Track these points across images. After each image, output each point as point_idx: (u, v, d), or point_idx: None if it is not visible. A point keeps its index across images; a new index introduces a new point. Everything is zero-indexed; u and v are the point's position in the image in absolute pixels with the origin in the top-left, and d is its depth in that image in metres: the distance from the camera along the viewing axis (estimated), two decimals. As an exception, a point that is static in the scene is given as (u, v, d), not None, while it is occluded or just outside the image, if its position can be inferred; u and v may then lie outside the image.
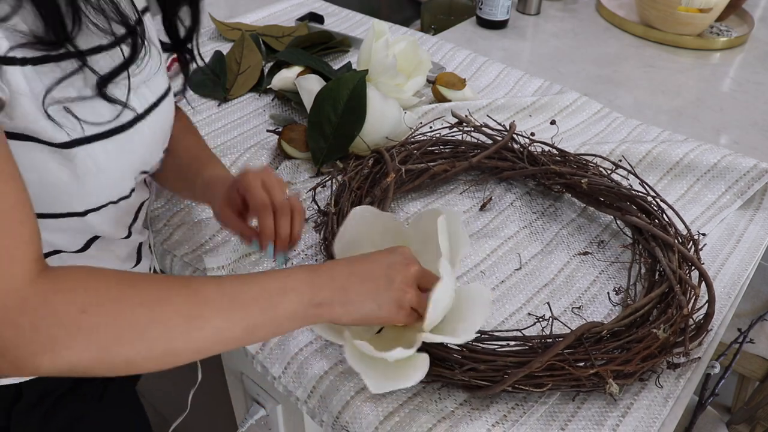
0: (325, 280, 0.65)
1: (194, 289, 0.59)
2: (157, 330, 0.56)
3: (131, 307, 0.55)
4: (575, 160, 1.06)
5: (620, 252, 1.00)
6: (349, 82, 1.10)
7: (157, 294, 0.57)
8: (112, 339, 0.54)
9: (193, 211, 1.02)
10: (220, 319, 0.59)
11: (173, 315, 0.57)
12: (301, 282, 0.64)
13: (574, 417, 0.77)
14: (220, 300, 0.59)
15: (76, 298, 0.53)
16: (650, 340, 0.77)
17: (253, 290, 0.62)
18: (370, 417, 0.75)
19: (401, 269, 0.68)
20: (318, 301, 0.64)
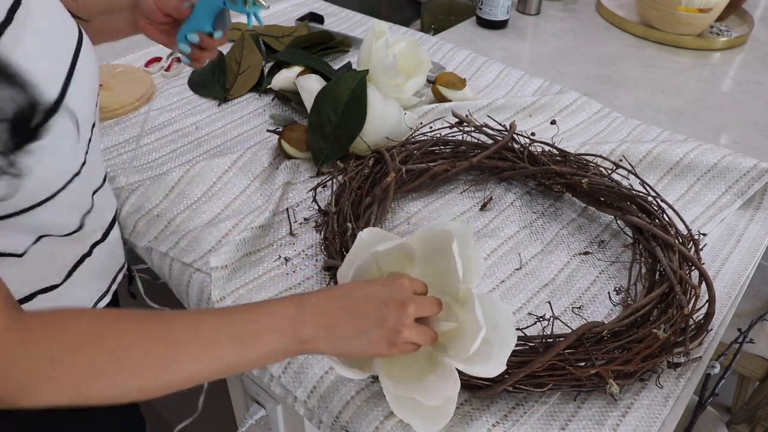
0: (310, 316, 0.63)
1: (167, 333, 0.59)
2: (127, 376, 0.56)
3: (101, 356, 0.55)
4: (575, 160, 1.06)
5: (620, 252, 1.00)
6: (350, 82, 1.10)
7: (128, 340, 0.57)
8: (83, 385, 0.55)
9: (193, 216, 1.02)
10: (194, 361, 0.59)
11: (144, 362, 0.57)
12: (285, 319, 0.62)
13: (574, 417, 0.77)
14: (193, 343, 0.59)
15: (44, 348, 0.54)
16: (651, 340, 0.77)
17: (231, 331, 0.61)
18: (370, 417, 0.75)
19: (396, 309, 0.65)
20: (302, 338, 0.62)
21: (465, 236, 0.71)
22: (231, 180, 1.08)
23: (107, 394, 0.56)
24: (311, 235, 0.99)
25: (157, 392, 0.58)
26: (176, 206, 1.03)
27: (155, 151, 1.15)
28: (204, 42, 0.86)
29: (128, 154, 1.13)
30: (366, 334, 0.64)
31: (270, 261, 0.95)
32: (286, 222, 1.01)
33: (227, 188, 1.07)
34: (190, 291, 0.93)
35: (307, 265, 0.95)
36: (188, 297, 0.93)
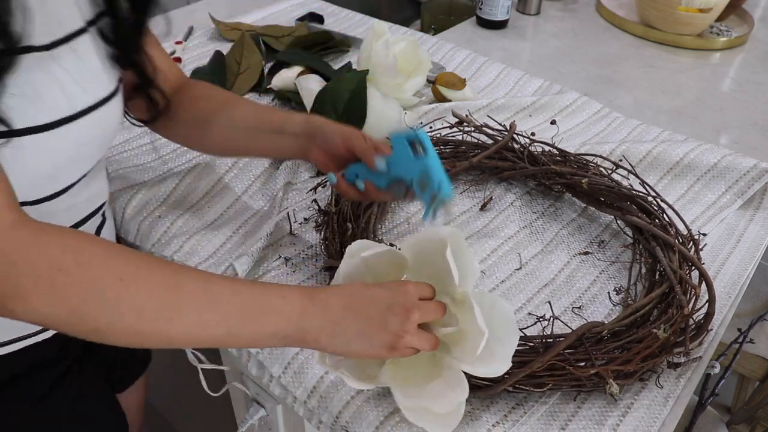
0: (318, 310, 0.63)
1: (177, 280, 0.58)
2: (126, 307, 0.55)
3: (108, 279, 0.55)
4: (575, 160, 1.06)
5: (620, 252, 1.00)
6: (350, 82, 1.10)
7: (137, 272, 0.56)
8: (82, 303, 0.54)
9: (195, 218, 1.02)
10: (195, 317, 0.58)
11: (147, 298, 0.56)
12: (294, 307, 0.63)
13: (574, 417, 0.77)
14: (200, 299, 0.59)
15: (55, 255, 0.53)
16: (651, 340, 0.77)
17: (241, 300, 0.61)
18: (370, 417, 0.75)
19: (400, 314, 0.65)
20: (306, 330, 0.63)
21: (457, 241, 0.71)
22: (232, 181, 1.08)
23: (101, 320, 0.55)
24: (311, 235, 0.99)
25: (148, 338, 0.57)
26: (177, 208, 1.03)
27: (155, 151, 1.15)
28: (368, 191, 0.82)
29: (128, 153, 1.13)
30: (367, 337, 0.65)
31: (270, 261, 0.95)
32: (286, 222, 1.01)
33: (228, 190, 1.07)
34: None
35: (307, 265, 0.95)
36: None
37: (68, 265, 0.53)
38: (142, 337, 0.57)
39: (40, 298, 0.53)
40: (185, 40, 1.53)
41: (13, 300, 0.52)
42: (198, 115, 0.91)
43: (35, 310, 0.53)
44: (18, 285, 0.52)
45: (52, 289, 0.53)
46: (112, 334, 0.56)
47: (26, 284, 0.52)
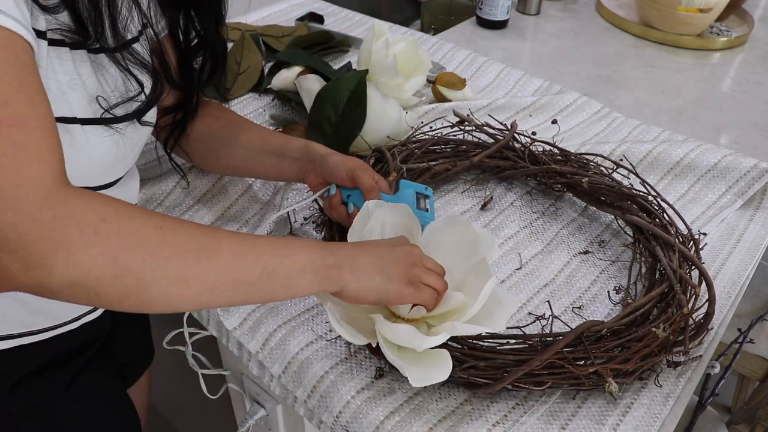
0: (333, 248, 0.67)
1: (210, 230, 0.61)
2: (169, 251, 0.57)
3: (147, 226, 0.57)
4: (576, 159, 1.06)
5: (621, 252, 1.00)
6: (350, 81, 1.10)
7: (174, 223, 0.59)
8: (126, 250, 0.55)
9: (196, 218, 1.02)
10: (232, 255, 0.61)
11: (186, 241, 0.58)
12: (312, 244, 0.67)
13: (575, 416, 0.77)
14: (234, 239, 0.62)
15: (97, 207, 0.55)
16: (650, 339, 0.77)
17: (269, 241, 0.64)
18: (370, 416, 0.75)
19: (407, 248, 0.72)
20: (329, 262, 0.66)
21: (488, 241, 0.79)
22: (231, 181, 1.08)
23: (146, 267, 0.56)
24: (311, 235, 0.99)
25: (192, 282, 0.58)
26: (177, 208, 1.03)
27: (155, 151, 1.15)
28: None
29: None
30: (384, 270, 0.68)
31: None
32: (286, 222, 1.01)
33: (227, 190, 1.07)
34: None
35: (307, 265, 0.95)
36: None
37: (110, 215, 0.55)
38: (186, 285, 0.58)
39: (85, 247, 0.53)
40: (185, 40, 1.53)
41: (56, 254, 0.52)
42: (205, 131, 0.96)
43: (78, 263, 0.53)
44: (63, 236, 0.52)
45: (96, 236, 0.53)
46: (156, 284, 0.56)
47: (71, 234, 0.53)
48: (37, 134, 0.54)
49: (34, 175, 0.53)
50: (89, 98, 0.69)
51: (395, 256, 0.70)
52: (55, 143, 0.57)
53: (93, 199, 0.56)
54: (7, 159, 0.52)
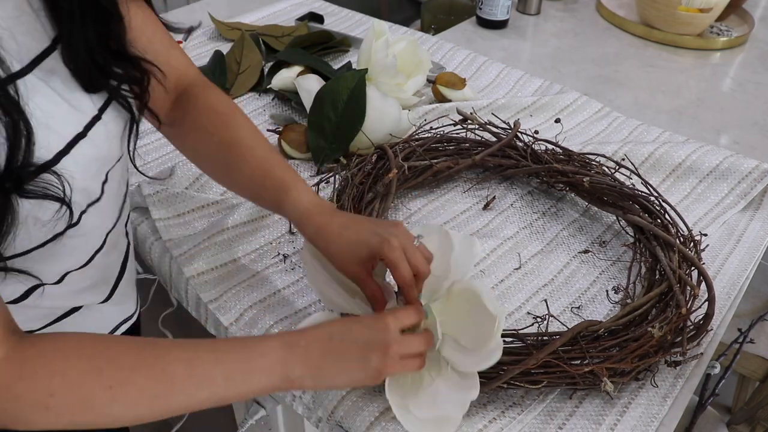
0: (299, 359, 0.66)
1: (163, 369, 0.61)
2: (122, 409, 0.59)
3: (98, 391, 0.58)
4: (579, 158, 1.06)
5: (622, 252, 0.99)
6: (349, 81, 1.10)
7: (124, 376, 0.59)
8: (79, 415, 0.58)
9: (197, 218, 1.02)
10: (186, 397, 0.62)
11: (139, 397, 0.60)
12: (275, 362, 0.65)
13: (572, 416, 0.77)
14: (188, 381, 0.62)
15: (43, 383, 0.56)
16: (646, 339, 0.77)
17: (225, 370, 0.63)
18: (365, 413, 0.75)
19: (378, 350, 0.67)
20: (290, 378, 0.66)
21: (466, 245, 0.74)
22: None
23: (101, 422, 0.59)
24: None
25: (148, 420, 0.61)
26: (180, 196, 1.03)
27: (155, 151, 1.15)
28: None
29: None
30: (349, 374, 0.68)
31: (269, 258, 0.95)
32: (285, 221, 1.01)
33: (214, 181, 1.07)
34: (189, 293, 0.93)
35: (305, 264, 0.95)
36: (187, 297, 0.93)
37: (57, 388, 0.57)
38: (141, 421, 0.61)
39: (39, 422, 0.57)
40: (185, 39, 1.53)
41: (16, 424, 0.57)
42: (196, 146, 0.86)
43: (37, 428, 0.58)
44: (16, 414, 0.56)
45: (47, 411, 0.56)
46: (115, 425, 0.61)
47: (24, 413, 0.56)
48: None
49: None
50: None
51: (366, 361, 0.67)
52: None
53: (36, 372, 0.56)
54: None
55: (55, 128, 0.60)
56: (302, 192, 0.78)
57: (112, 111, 0.68)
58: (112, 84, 0.67)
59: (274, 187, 0.79)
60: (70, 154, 0.62)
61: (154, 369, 0.61)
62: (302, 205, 0.77)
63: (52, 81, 0.61)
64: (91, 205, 0.68)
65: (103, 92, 0.67)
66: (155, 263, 0.98)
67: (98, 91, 0.66)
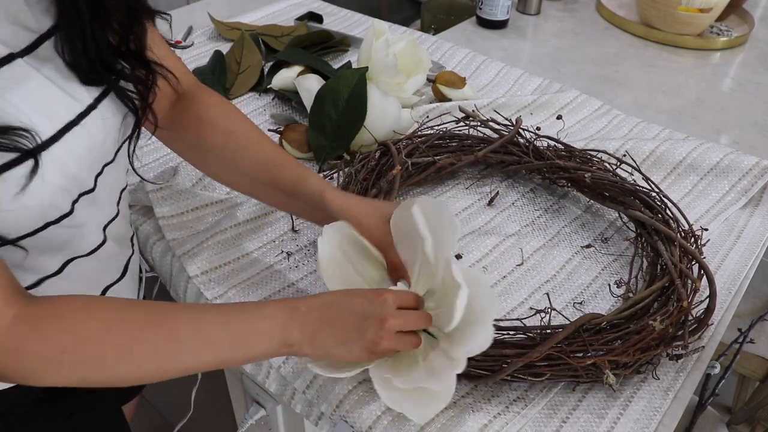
0: (298, 323, 0.67)
1: (170, 329, 0.63)
2: (132, 366, 0.62)
3: (109, 348, 0.60)
4: (580, 155, 1.06)
5: (624, 248, 0.99)
6: (350, 79, 1.10)
7: (132, 336, 0.62)
8: (91, 372, 0.61)
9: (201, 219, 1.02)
10: (192, 356, 0.64)
11: (146, 355, 0.62)
12: (276, 325, 0.66)
13: (575, 409, 0.77)
14: (194, 341, 0.64)
15: (56, 340, 0.58)
16: (648, 332, 0.77)
17: (231, 333, 0.65)
18: (371, 407, 0.75)
19: (376, 324, 0.68)
20: (289, 342, 0.67)
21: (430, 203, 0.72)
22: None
23: (112, 379, 0.62)
24: (313, 231, 0.99)
25: (156, 379, 0.64)
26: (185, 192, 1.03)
27: (156, 152, 1.15)
28: None
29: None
30: (346, 345, 0.69)
31: (272, 256, 0.95)
32: (288, 218, 1.01)
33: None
34: (188, 292, 0.93)
35: (309, 261, 0.95)
36: (185, 297, 0.93)
37: (70, 345, 0.59)
38: (148, 380, 0.65)
39: (52, 377, 0.59)
40: (184, 39, 1.53)
41: (30, 379, 0.59)
42: (197, 142, 0.86)
43: (50, 383, 0.60)
44: (30, 371, 0.59)
45: (60, 368, 0.58)
46: (124, 383, 0.64)
47: (37, 369, 0.59)
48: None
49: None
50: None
51: (361, 333, 0.68)
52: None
53: (48, 330, 0.58)
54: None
55: (47, 114, 0.61)
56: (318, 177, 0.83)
57: (109, 103, 0.69)
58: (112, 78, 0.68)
59: (292, 167, 0.83)
60: (62, 141, 0.63)
61: (162, 329, 0.63)
62: (324, 183, 0.81)
63: (45, 68, 0.62)
64: (84, 194, 0.68)
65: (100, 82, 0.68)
66: (156, 263, 0.98)
67: (97, 83, 0.67)
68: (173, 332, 0.63)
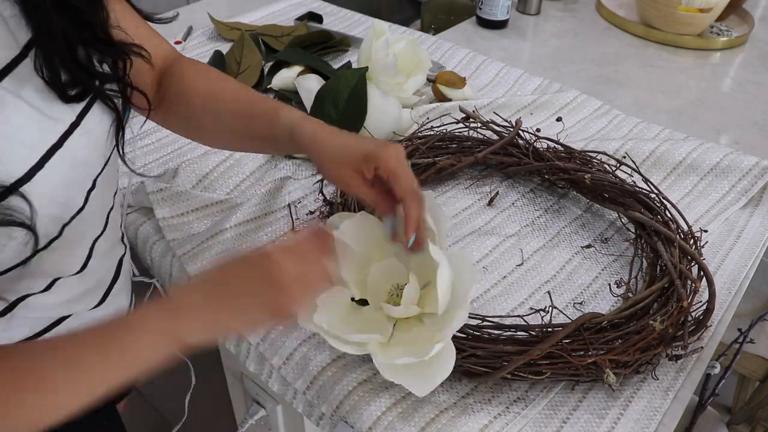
0: (183, 316, 0.61)
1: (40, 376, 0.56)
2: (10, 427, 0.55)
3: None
4: (580, 156, 1.06)
5: (624, 249, 0.99)
6: (350, 79, 1.11)
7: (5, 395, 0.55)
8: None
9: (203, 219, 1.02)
10: (72, 396, 0.57)
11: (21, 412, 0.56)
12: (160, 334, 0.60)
13: (576, 409, 0.77)
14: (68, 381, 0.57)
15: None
16: (648, 332, 0.77)
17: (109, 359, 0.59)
18: (371, 407, 0.75)
19: (265, 279, 0.62)
20: (180, 339, 0.60)
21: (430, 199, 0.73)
22: (226, 171, 1.08)
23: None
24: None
25: (44, 426, 0.57)
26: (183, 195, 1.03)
27: (156, 152, 1.15)
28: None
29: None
30: (247, 313, 0.63)
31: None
32: (288, 219, 1.01)
33: (223, 179, 1.08)
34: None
35: (308, 261, 0.95)
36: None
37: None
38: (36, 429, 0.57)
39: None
40: (184, 39, 1.53)
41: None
42: (183, 111, 0.84)
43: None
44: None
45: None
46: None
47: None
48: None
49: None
50: None
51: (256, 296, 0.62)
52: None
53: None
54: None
55: (27, 142, 0.57)
56: (292, 110, 0.78)
57: (95, 113, 0.65)
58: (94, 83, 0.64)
59: (263, 112, 0.79)
60: (46, 167, 0.59)
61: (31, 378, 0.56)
62: (294, 116, 0.76)
63: (24, 91, 0.58)
64: (75, 216, 0.65)
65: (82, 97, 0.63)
66: (155, 264, 0.98)
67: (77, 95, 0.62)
68: (44, 379, 0.56)
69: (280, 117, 0.77)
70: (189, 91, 0.83)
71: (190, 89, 0.83)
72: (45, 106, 0.59)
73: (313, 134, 0.74)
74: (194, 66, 0.86)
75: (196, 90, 0.83)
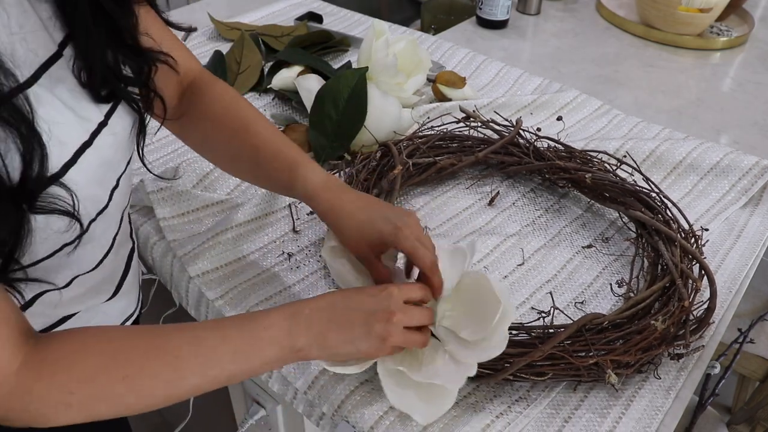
0: (303, 328, 0.66)
1: (173, 354, 0.62)
2: (138, 397, 0.61)
3: (114, 383, 0.59)
4: (581, 155, 1.06)
5: (625, 248, 0.99)
6: (350, 79, 1.11)
7: (137, 365, 0.61)
8: (99, 408, 0.60)
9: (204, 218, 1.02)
10: (198, 377, 0.63)
11: (153, 383, 0.61)
12: (281, 332, 0.66)
13: (577, 409, 0.77)
14: (197, 361, 0.63)
15: (62, 382, 0.58)
16: (650, 332, 0.77)
17: (232, 346, 0.64)
18: (373, 407, 0.75)
19: (382, 319, 0.68)
20: (297, 348, 0.66)
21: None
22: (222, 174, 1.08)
23: (122, 411, 0.61)
24: (314, 231, 0.99)
25: (164, 405, 0.63)
26: (185, 194, 1.03)
27: (158, 151, 1.15)
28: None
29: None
30: (353, 343, 0.68)
31: (273, 257, 0.95)
32: (289, 219, 1.01)
33: (224, 179, 1.08)
34: (190, 292, 0.93)
35: (310, 261, 0.95)
36: (188, 297, 0.93)
37: (75, 385, 0.58)
38: (157, 406, 0.63)
39: (62, 418, 0.58)
40: (184, 40, 1.53)
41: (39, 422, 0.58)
42: (202, 137, 0.87)
43: (59, 424, 0.59)
44: (40, 415, 0.58)
45: (68, 409, 0.58)
46: (133, 413, 0.63)
47: (46, 413, 0.58)
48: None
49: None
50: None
51: (368, 329, 0.68)
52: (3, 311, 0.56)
53: (56, 371, 0.58)
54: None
55: (62, 138, 0.59)
56: (312, 170, 0.80)
57: (119, 114, 0.67)
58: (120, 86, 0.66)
59: (283, 167, 0.80)
60: (78, 164, 0.61)
61: (164, 354, 0.62)
62: (313, 182, 0.78)
63: (58, 89, 0.60)
64: (100, 213, 0.68)
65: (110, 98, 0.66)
66: (156, 263, 0.98)
67: (106, 96, 0.65)
68: (176, 356, 0.62)
69: (299, 176, 0.79)
70: (213, 124, 0.84)
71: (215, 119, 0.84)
72: (77, 106, 0.62)
73: (329, 209, 0.78)
74: (225, 95, 0.86)
75: (220, 126, 0.84)
